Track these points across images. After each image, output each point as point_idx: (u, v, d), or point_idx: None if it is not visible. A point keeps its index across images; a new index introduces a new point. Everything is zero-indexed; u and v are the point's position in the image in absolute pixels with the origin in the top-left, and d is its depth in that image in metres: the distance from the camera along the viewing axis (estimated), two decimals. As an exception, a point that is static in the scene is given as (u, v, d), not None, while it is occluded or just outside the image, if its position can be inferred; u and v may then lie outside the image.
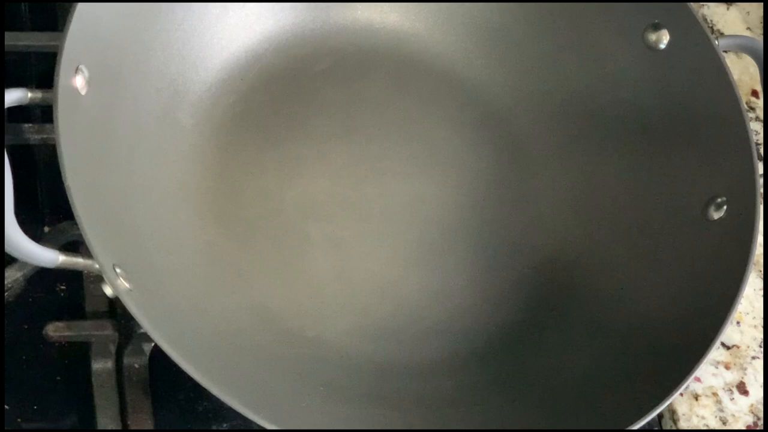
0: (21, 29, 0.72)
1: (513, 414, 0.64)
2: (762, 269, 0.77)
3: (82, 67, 0.58)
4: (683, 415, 0.70)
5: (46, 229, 0.68)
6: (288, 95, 0.73)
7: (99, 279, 0.58)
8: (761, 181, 0.65)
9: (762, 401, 0.71)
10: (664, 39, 0.71)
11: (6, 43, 0.68)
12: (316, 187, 0.70)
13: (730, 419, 0.70)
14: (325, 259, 0.68)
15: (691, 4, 0.70)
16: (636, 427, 0.58)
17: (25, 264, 0.62)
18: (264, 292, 0.66)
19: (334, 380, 0.63)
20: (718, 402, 0.71)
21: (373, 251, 0.70)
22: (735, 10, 0.88)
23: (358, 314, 0.67)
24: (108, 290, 0.55)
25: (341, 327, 0.66)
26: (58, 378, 0.65)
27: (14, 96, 0.56)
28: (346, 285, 0.68)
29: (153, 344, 0.55)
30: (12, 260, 0.60)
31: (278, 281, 0.67)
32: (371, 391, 0.64)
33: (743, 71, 0.84)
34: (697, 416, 0.70)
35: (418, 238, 0.70)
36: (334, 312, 0.66)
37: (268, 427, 0.53)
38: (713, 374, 0.72)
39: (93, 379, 0.63)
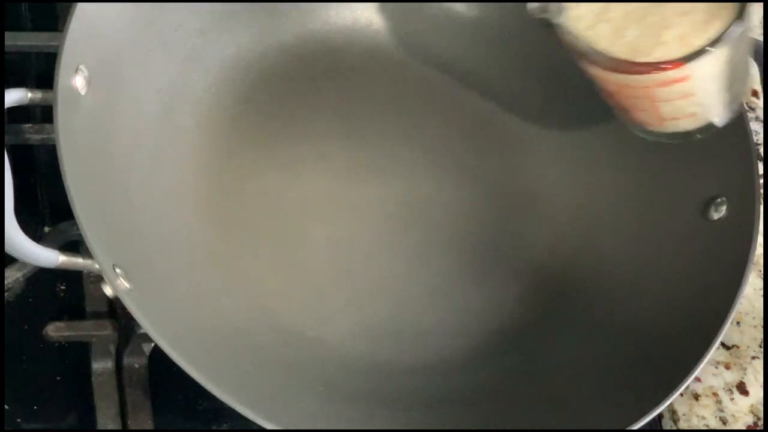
0: (21, 29, 0.73)
1: (513, 414, 0.64)
2: (762, 269, 0.77)
3: (82, 67, 0.58)
4: (683, 415, 0.70)
5: (46, 229, 0.68)
6: (288, 95, 0.73)
7: (99, 279, 0.58)
8: (761, 181, 0.65)
9: (762, 401, 0.71)
10: (664, 39, 0.70)
11: (6, 43, 0.68)
12: (316, 187, 0.70)
13: (730, 419, 0.70)
14: (325, 259, 0.68)
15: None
16: (636, 427, 0.58)
17: (25, 264, 0.62)
18: (264, 292, 0.66)
19: (334, 380, 0.63)
20: (719, 402, 0.71)
21: (373, 251, 0.69)
22: (735, 10, 0.88)
23: (358, 314, 0.67)
24: (108, 290, 0.55)
25: (342, 327, 0.66)
26: (58, 378, 0.65)
27: (14, 96, 0.56)
28: (347, 285, 0.68)
29: (153, 344, 0.56)
30: (12, 260, 0.60)
31: (278, 281, 0.67)
32: (371, 391, 0.64)
33: (743, 71, 0.84)
34: (698, 416, 0.70)
35: (418, 238, 0.70)
36: (334, 312, 0.66)
37: (268, 427, 0.53)
38: (713, 374, 0.72)
39: (93, 379, 0.63)
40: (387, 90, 0.75)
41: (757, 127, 0.82)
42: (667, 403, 0.59)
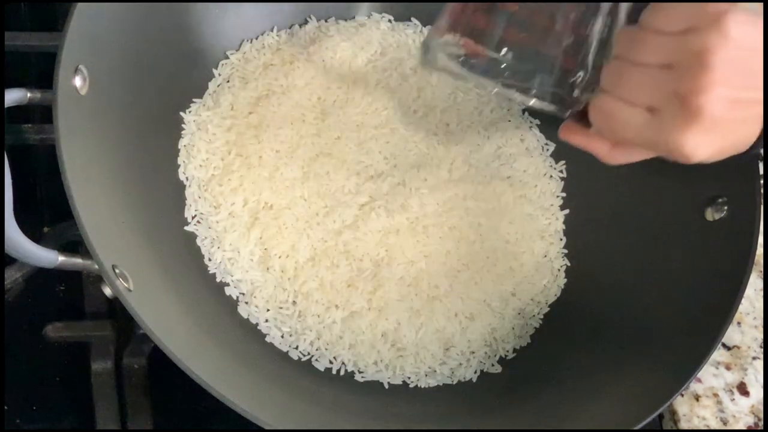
0: (21, 29, 0.72)
1: (514, 413, 0.64)
2: (762, 269, 0.76)
3: (81, 67, 0.58)
4: (684, 415, 0.70)
5: (46, 229, 0.68)
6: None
7: (98, 279, 0.58)
8: (761, 181, 0.65)
9: (762, 402, 0.71)
10: (664, 39, 0.70)
11: (6, 43, 0.68)
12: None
13: (730, 420, 0.70)
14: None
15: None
16: (637, 427, 0.58)
17: (24, 264, 0.62)
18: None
19: (322, 393, 0.64)
20: (719, 402, 0.70)
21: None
22: (735, 10, 0.88)
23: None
24: (107, 290, 0.55)
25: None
26: (58, 378, 0.66)
27: (14, 96, 0.56)
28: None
29: (152, 345, 0.55)
30: (12, 260, 0.60)
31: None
32: (359, 407, 0.64)
33: (744, 71, 0.84)
34: (698, 417, 0.70)
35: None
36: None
37: (268, 427, 0.53)
38: (714, 375, 0.72)
39: (92, 379, 0.63)
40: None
41: (757, 128, 0.82)
42: (668, 403, 0.59)
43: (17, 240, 0.52)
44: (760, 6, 0.50)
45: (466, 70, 0.57)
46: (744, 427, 0.70)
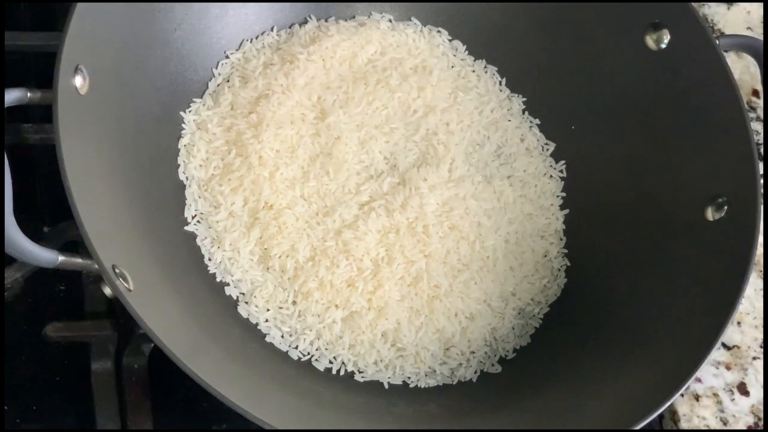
0: (21, 29, 0.72)
1: (514, 413, 0.64)
2: (762, 269, 0.76)
3: (81, 67, 0.58)
4: (684, 415, 0.70)
5: (46, 229, 0.68)
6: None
7: (98, 279, 0.58)
8: (761, 181, 0.65)
9: (763, 402, 0.71)
10: (664, 39, 0.70)
11: (6, 43, 0.68)
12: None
13: (731, 420, 0.70)
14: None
15: (692, 3, 0.70)
16: (637, 427, 0.58)
17: (24, 264, 0.62)
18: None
19: (322, 393, 0.63)
20: (719, 402, 0.71)
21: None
22: (736, 9, 0.88)
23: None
24: (107, 291, 0.55)
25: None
26: (58, 378, 0.66)
27: (14, 96, 0.56)
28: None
29: (152, 345, 0.56)
30: (12, 260, 0.60)
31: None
32: (359, 407, 0.64)
33: (744, 71, 0.84)
34: (698, 417, 0.70)
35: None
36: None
37: (268, 427, 0.53)
38: (714, 375, 0.72)
39: (92, 379, 0.63)
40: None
41: (757, 127, 0.82)
42: (668, 403, 0.59)
43: (17, 240, 0.52)
44: None
45: None
46: (744, 427, 0.70)
